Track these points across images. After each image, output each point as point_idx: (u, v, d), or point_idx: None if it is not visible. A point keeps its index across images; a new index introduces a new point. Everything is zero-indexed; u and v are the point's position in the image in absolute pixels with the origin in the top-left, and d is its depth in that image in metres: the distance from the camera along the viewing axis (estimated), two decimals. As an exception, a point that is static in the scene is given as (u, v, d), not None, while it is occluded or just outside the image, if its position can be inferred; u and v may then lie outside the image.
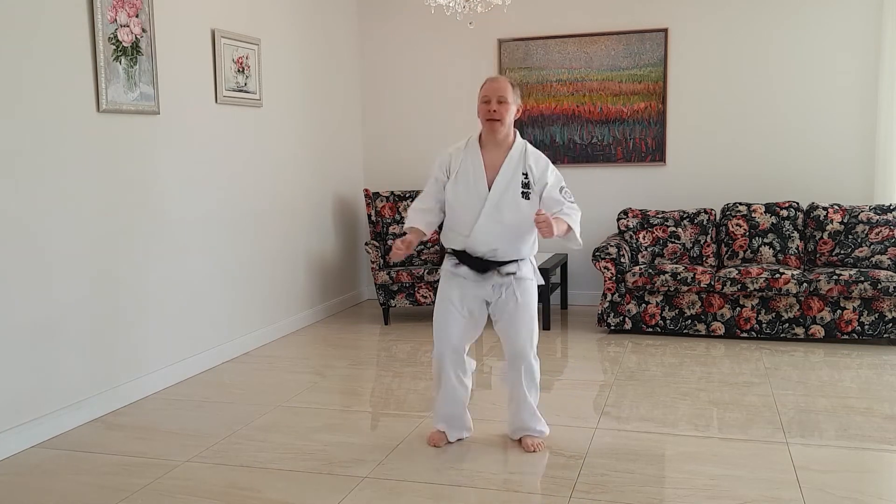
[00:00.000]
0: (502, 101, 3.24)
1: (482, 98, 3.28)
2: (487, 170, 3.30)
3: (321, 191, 6.13)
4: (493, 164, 3.30)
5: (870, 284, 4.93)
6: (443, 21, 6.08)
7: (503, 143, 3.31)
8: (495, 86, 3.27)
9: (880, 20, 5.59)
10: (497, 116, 3.24)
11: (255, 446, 3.48)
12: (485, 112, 3.27)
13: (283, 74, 5.56)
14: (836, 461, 3.21)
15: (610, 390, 4.19)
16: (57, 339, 3.68)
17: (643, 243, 5.73)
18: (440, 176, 3.37)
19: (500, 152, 3.31)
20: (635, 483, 3.02)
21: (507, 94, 3.25)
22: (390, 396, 4.24)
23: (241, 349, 5.06)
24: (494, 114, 3.24)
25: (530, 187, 3.27)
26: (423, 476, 3.13)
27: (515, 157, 3.30)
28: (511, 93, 3.27)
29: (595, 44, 6.17)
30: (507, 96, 3.25)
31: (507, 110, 3.25)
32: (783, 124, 5.90)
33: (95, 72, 3.84)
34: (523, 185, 3.27)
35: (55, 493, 3.05)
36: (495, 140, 3.30)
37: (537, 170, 3.29)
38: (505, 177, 3.27)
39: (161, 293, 4.35)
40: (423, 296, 5.85)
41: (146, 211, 4.23)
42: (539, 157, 3.34)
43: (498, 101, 3.24)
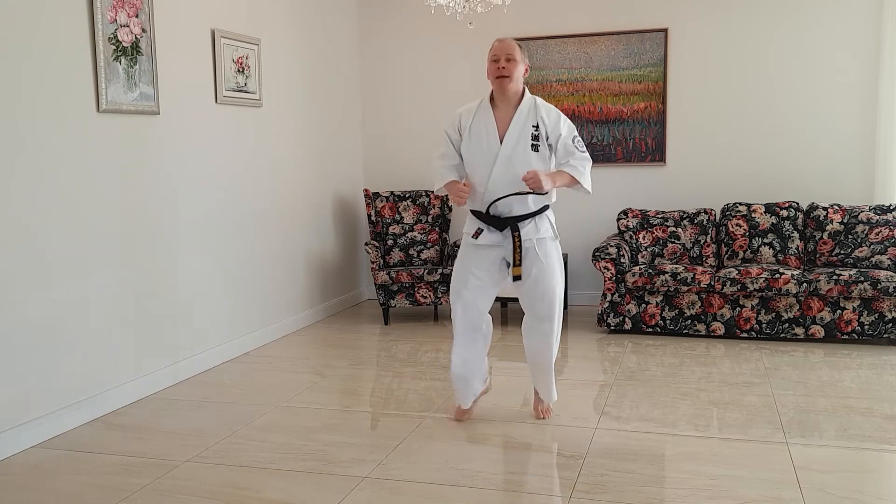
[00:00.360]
0: (510, 59, 3.39)
1: (491, 57, 3.43)
2: (499, 125, 3.44)
3: (321, 191, 6.13)
4: (504, 120, 3.45)
5: (870, 284, 4.93)
6: (443, 21, 6.08)
7: (513, 99, 3.46)
8: (503, 45, 3.43)
9: (880, 20, 5.59)
10: (506, 73, 3.38)
11: (255, 446, 3.48)
12: (494, 70, 3.41)
13: (283, 74, 5.56)
14: (836, 461, 3.21)
15: (610, 390, 4.20)
16: (57, 339, 3.68)
17: (643, 243, 5.73)
18: (453, 135, 3.54)
19: (510, 108, 3.46)
20: (635, 483, 3.02)
21: (515, 52, 3.41)
22: (390, 396, 4.24)
23: (241, 349, 5.07)
24: (503, 70, 3.38)
25: (540, 139, 3.41)
26: (423, 476, 3.13)
27: (525, 111, 3.43)
28: (519, 52, 3.43)
29: (595, 44, 6.18)
30: (514, 54, 3.40)
31: (515, 67, 3.40)
32: (783, 124, 5.90)
33: (95, 72, 3.84)
34: (533, 138, 3.41)
35: (55, 493, 3.05)
36: (505, 97, 3.44)
37: (549, 121, 3.43)
38: (515, 130, 3.41)
39: (161, 293, 4.35)
40: (423, 296, 5.85)
41: (146, 211, 4.23)
42: (550, 109, 3.48)
43: (506, 59, 3.39)
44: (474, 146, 3.46)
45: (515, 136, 3.40)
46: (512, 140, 3.40)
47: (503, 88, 3.42)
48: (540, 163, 3.41)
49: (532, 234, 3.47)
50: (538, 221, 3.49)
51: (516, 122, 3.41)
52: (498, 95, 3.46)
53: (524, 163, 3.38)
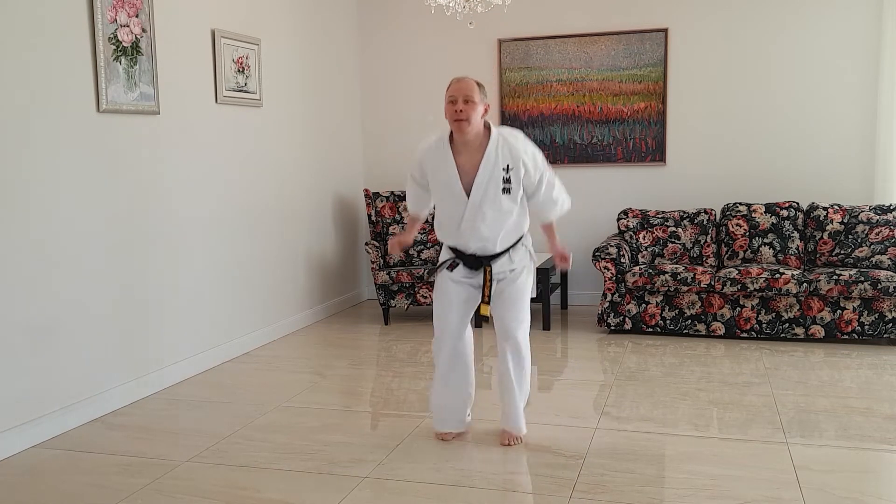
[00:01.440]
0: (468, 101, 3.21)
1: (448, 98, 3.26)
2: (462, 174, 3.28)
3: (321, 191, 6.13)
4: (468, 166, 3.28)
5: (870, 284, 4.93)
6: (443, 21, 6.09)
7: (474, 142, 3.28)
8: (461, 86, 3.25)
9: (880, 20, 5.58)
10: (463, 116, 3.21)
11: (255, 446, 3.48)
12: (451, 113, 3.24)
13: (283, 74, 5.56)
14: (836, 461, 3.21)
15: (610, 390, 4.19)
16: (57, 340, 3.68)
17: (643, 243, 5.73)
18: (419, 178, 3.51)
19: (474, 153, 3.28)
20: (635, 483, 3.02)
21: (474, 93, 3.23)
22: (390, 396, 4.24)
23: (241, 349, 5.06)
24: (461, 114, 3.21)
25: (513, 180, 3.27)
26: (423, 476, 3.13)
27: (492, 156, 3.26)
28: (477, 92, 3.25)
29: (595, 44, 6.17)
30: (473, 96, 3.22)
31: (473, 109, 3.22)
32: (783, 124, 5.90)
33: (95, 72, 3.84)
34: (504, 181, 3.26)
35: (55, 493, 3.05)
36: (465, 140, 3.27)
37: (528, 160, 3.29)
38: (483, 179, 3.25)
39: (161, 293, 4.35)
40: (423, 296, 5.85)
41: (146, 211, 4.23)
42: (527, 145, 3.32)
43: (464, 101, 3.21)
44: (440, 191, 3.36)
45: (484, 185, 3.24)
46: (480, 190, 3.24)
47: (462, 131, 3.23)
48: (512, 202, 3.28)
49: (506, 267, 3.38)
50: (513, 254, 3.39)
51: (484, 169, 3.24)
52: (457, 138, 3.28)
53: (495, 208, 3.26)
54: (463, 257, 3.39)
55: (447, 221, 3.38)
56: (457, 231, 3.34)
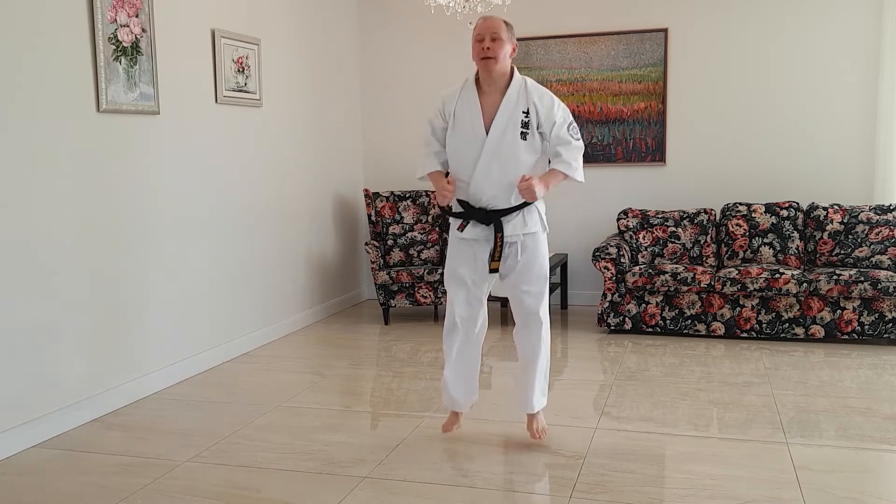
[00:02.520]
0: (496, 39, 3.16)
1: (476, 37, 3.19)
2: (485, 112, 3.21)
3: (321, 191, 6.13)
4: (490, 105, 3.22)
5: (870, 284, 4.93)
6: (443, 21, 6.08)
7: (499, 81, 3.22)
8: (489, 24, 3.19)
9: (880, 20, 5.58)
10: (491, 54, 3.15)
11: (255, 446, 3.48)
12: (478, 50, 3.18)
13: (283, 74, 5.56)
14: (836, 461, 3.21)
15: (610, 390, 4.19)
16: (57, 339, 3.68)
17: (643, 243, 5.73)
18: (436, 122, 3.33)
19: (496, 92, 3.22)
20: (635, 483, 3.02)
21: (501, 31, 3.17)
22: (390, 396, 4.24)
23: (241, 349, 5.06)
24: (488, 51, 3.15)
25: (530, 126, 3.19)
26: (423, 476, 3.13)
27: (513, 96, 3.20)
28: (505, 30, 3.19)
29: (595, 44, 6.17)
30: (500, 33, 3.17)
31: (501, 47, 3.16)
32: (783, 124, 5.90)
33: (95, 72, 3.84)
34: (523, 125, 3.19)
35: (55, 493, 3.05)
36: (491, 79, 3.21)
37: (542, 107, 3.21)
38: (503, 118, 3.18)
39: (161, 293, 4.35)
40: (423, 296, 5.85)
41: (146, 211, 4.23)
42: (543, 94, 3.25)
43: (492, 39, 3.15)
44: (458, 134, 3.24)
45: (503, 125, 3.17)
46: (499, 129, 3.17)
47: (488, 70, 3.17)
48: (529, 152, 3.20)
49: (519, 229, 3.26)
50: (526, 214, 3.27)
51: (504, 108, 3.18)
52: (483, 78, 3.22)
53: (512, 152, 3.18)
54: (473, 212, 3.27)
55: (462, 166, 3.26)
56: (471, 176, 3.23)
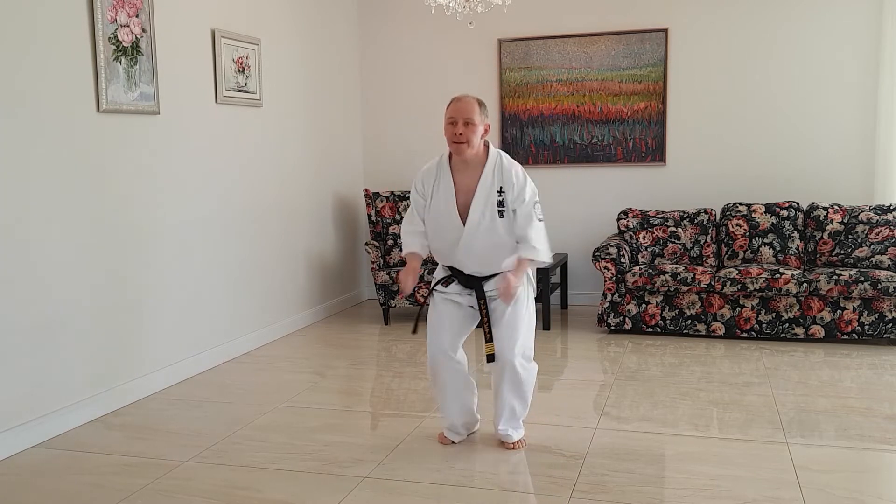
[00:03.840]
0: (468, 123, 3.18)
1: (448, 119, 3.22)
2: (459, 195, 3.25)
3: (321, 191, 6.13)
4: (465, 186, 3.25)
5: (870, 284, 4.93)
6: (443, 21, 6.09)
7: (473, 161, 3.25)
8: (461, 106, 3.21)
9: (880, 20, 5.59)
10: (463, 139, 3.18)
11: (255, 446, 3.48)
12: (451, 135, 3.21)
13: (283, 74, 5.56)
14: (836, 461, 3.21)
15: (610, 390, 4.19)
16: (57, 339, 3.68)
17: (643, 243, 5.73)
18: (417, 198, 3.37)
19: (472, 173, 3.25)
20: (635, 483, 3.02)
21: (474, 114, 3.19)
22: (390, 396, 4.24)
23: (241, 349, 5.06)
24: (461, 136, 3.18)
25: (505, 204, 3.22)
26: (423, 476, 3.13)
27: (489, 179, 3.23)
28: (478, 113, 3.21)
29: (595, 44, 6.17)
30: (473, 117, 3.19)
31: (473, 132, 3.19)
32: (783, 124, 5.90)
33: (95, 72, 3.84)
34: (499, 204, 3.22)
35: (55, 493, 3.05)
36: (464, 161, 3.25)
37: (517, 183, 3.23)
38: (480, 202, 3.22)
39: (161, 293, 4.35)
40: (423, 295, 5.85)
41: (146, 211, 4.23)
42: (518, 171, 3.27)
43: (464, 123, 3.18)
44: (435, 215, 3.29)
45: (481, 207, 3.21)
46: (478, 212, 3.21)
47: (461, 154, 3.21)
48: (506, 227, 3.23)
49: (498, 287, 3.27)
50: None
51: (480, 192, 3.21)
52: (456, 158, 3.26)
53: (492, 232, 3.22)
54: (458, 275, 3.35)
55: (442, 246, 3.33)
56: (452, 256, 3.31)
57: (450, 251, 3.30)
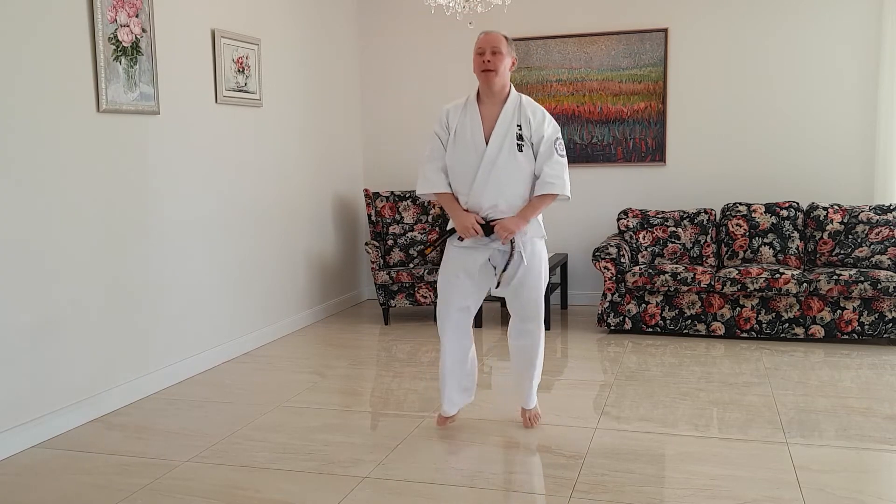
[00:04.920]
0: (496, 52, 3.30)
1: (477, 50, 3.34)
2: (485, 124, 3.36)
3: (321, 191, 6.13)
4: (489, 117, 3.36)
5: (870, 284, 4.93)
6: (443, 21, 6.09)
7: (499, 94, 3.37)
8: (489, 38, 3.33)
9: (880, 20, 5.59)
10: (492, 67, 3.29)
11: (255, 446, 3.48)
12: (479, 63, 3.32)
13: (283, 74, 5.56)
14: (836, 461, 3.21)
15: (610, 390, 4.19)
16: (57, 339, 3.68)
17: (643, 243, 5.73)
18: (441, 133, 3.44)
19: (495, 105, 3.37)
20: (635, 483, 3.02)
21: (501, 45, 3.31)
22: (390, 396, 4.24)
23: (241, 349, 5.06)
24: (489, 64, 3.29)
25: (524, 139, 3.33)
26: (423, 476, 3.13)
27: (510, 109, 3.35)
28: (505, 44, 3.33)
29: (595, 44, 6.17)
30: (500, 47, 3.31)
31: (501, 61, 3.31)
32: (783, 124, 5.90)
33: (95, 72, 3.84)
34: (518, 138, 3.33)
35: (55, 493, 3.05)
36: (491, 92, 3.35)
37: (535, 120, 3.36)
38: (501, 130, 3.34)
39: (161, 293, 4.35)
40: (423, 296, 5.85)
41: (146, 211, 4.23)
42: (536, 108, 3.41)
43: (492, 52, 3.30)
44: (459, 146, 3.37)
45: (501, 136, 3.32)
46: (498, 140, 3.31)
47: (489, 82, 3.32)
48: (525, 163, 3.33)
49: (518, 237, 3.38)
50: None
51: (502, 120, 3.33)
52: (483, 90, 3.37)
53: (509, 164, 3.31)
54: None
55: (462, 177, 3.38)
56: (470, 186, 3.35)
57: (468, 181, 3.35)
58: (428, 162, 3.44)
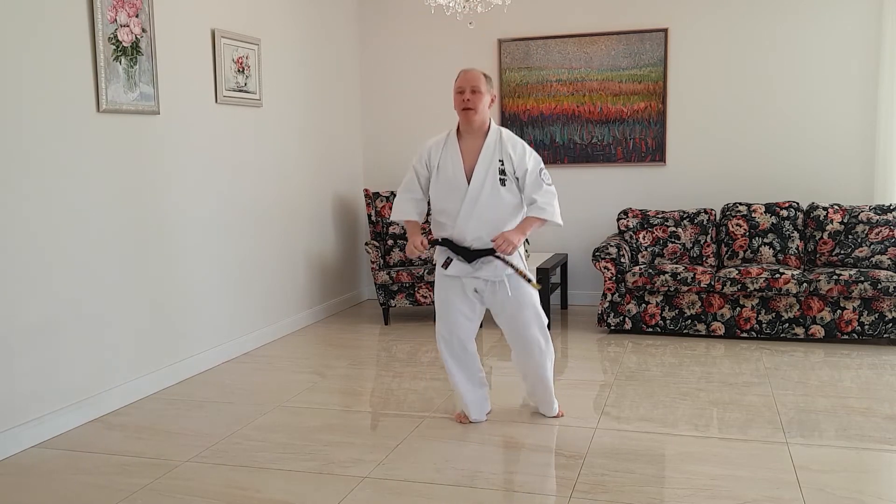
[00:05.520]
0: (475, 91, 3.41)
1: (457, 89, 3.45)
2: (465, 159, 3.47)
3: (321, 191, 6.13)
4: (470, 153, 3.47)
5: (870, 284, 4.93)
6: (443, 21, 6.09)
7: (479, 131, 3.47)
8: (468, 76, 3.44)
9: (880, 20, 5.58)
10: (471, 105, 3.40)
11: (255, 446, 3.48)
12: (459, 102, 3.43)
13: (283, 74, 5.56)
14: (836, 461, 3.21)
15: (610, 390, 4.19)
16: (57, 339, 3.68)
17: (643, 243, 5.73)
18: (420, 169, 3.57)
19: (476, 141, 3.47)
20: (635, 483, 3.02)
21: (481, 84, 3.42)
22: (390, 396, 4.24)
23: (241, 349, 5.06)
24: (468, 102, 3.40)
25: (507, 174, 3.41)
26: (423, 476, 3.13)
27: (491, 145, 3.44)
28: (484, 83, 3.44)
29: (595, 44, 6.17)
30: (480, 86, 3.41)
31: (480, 99, 3.41)
32: (783, 124, 5.90)
33: (95, 72, 3.84)
34: (500, 172, 3.41)
35: (55, 493, 3.05)
36: (471, 129, 3.47)
37: (516, 156, 3.43)
38: (483, 166, 3.42)
39: (161, 293, 4.35)
40: (423, 296, 5.85)
41: (146, 211, 4.23)
42: (516, 143, 3.49)
43: (472, 91, 3.41)
44: (442, 182, 3.48)
45: (484, 171, 3.40)
46: (480, 176, 3.40)
47: (469, 120, 3.43)
48: (509, 196, 3.42)
49: (500, 270, 3.47)
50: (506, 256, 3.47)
51: (483, 156, 3.41)
52: (464, 127, 3.48)
53: (493, 198, 3.40)
54: (457, 250, 3.47)
55: (446, 214, 3.48)
56: (455, 220, 3.44)
57: (453, 216, 3.44)
58: (402, 192, 3.62)
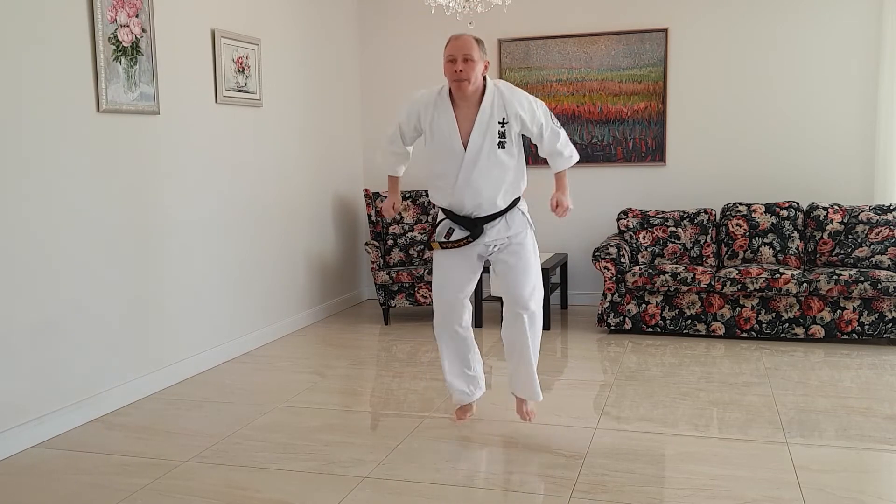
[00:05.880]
0: (468, 60, 3.18)
1: (447, 57, 3.22)
2: (461, 125, 3.27)
3: (321, 191, 6.13)
4: (465, 118, 3.27)
5: (870, 284, 4.93)
6: (443, 21, 6.08)
7: (473, 97, 3.26)
8: (459, 44, 3.20)
9: (880, 20, 5.58)
10: (464, 76, 3.18)
11: (255, 446, 3.48)
12: (451, 73, 3.21)
13: (283, 74, 5.56)
14: (836, 461, 3.21)
15: (610, 390, 4.19)
16: (57, 339, 3.68)
17: (643, 243, 5.73)
18: (407, 129, 3.45)
19: (471, 107, 3.27)
20: (635, 483, 3.02)
21: (473, 51, 3.19)
22: (390, 396, 4.24)
23: (241, 349, 5.06)
24: (461, 73, 3.18)
25: (507, 135, 3.26)
26: (423, 476, 3.13)
27: (488, 109, 3.25)
28: (476, 50, 3.20)
29: (595, 44, 6.17)
30: (472, 54, 3.18)
31: (472, 68, 3.18)
32: (783, 124, 5.90)
33: (95, 72, 3.84)
34: (500, 135, 3.25)
35: (55, 493, 3.05)
36: (464, 96, 3.26)
37: (526, 113, 3.29)
38: (479, 133, 3.25)
39: (161, 293, 4.35)
40: (423, 296, 5.85)
41: (146, 211, 4.23)
42: (521, 98, 3.32)
43: (464, 60, 3.18)
44: (438, 145, 3.31)
45: (480, 140, 3.24)
46: (476, 144, 3.24)
47: (462, 91, 3.22)
48: (508, 159, 3.28)
49: (503, 233, 3.37)
50: (509, 218, 3.38)
51: (479, 123, 3.24)
52: (457, 95, 3.27)
53: (491, 164, 3.26)
54: (457, 219, 3.38)
55: (442, 179, 3.35)
56: (452, 188, 3.32)
57: (450, 184, 3.32)
58: (387, 145, 3.55)
